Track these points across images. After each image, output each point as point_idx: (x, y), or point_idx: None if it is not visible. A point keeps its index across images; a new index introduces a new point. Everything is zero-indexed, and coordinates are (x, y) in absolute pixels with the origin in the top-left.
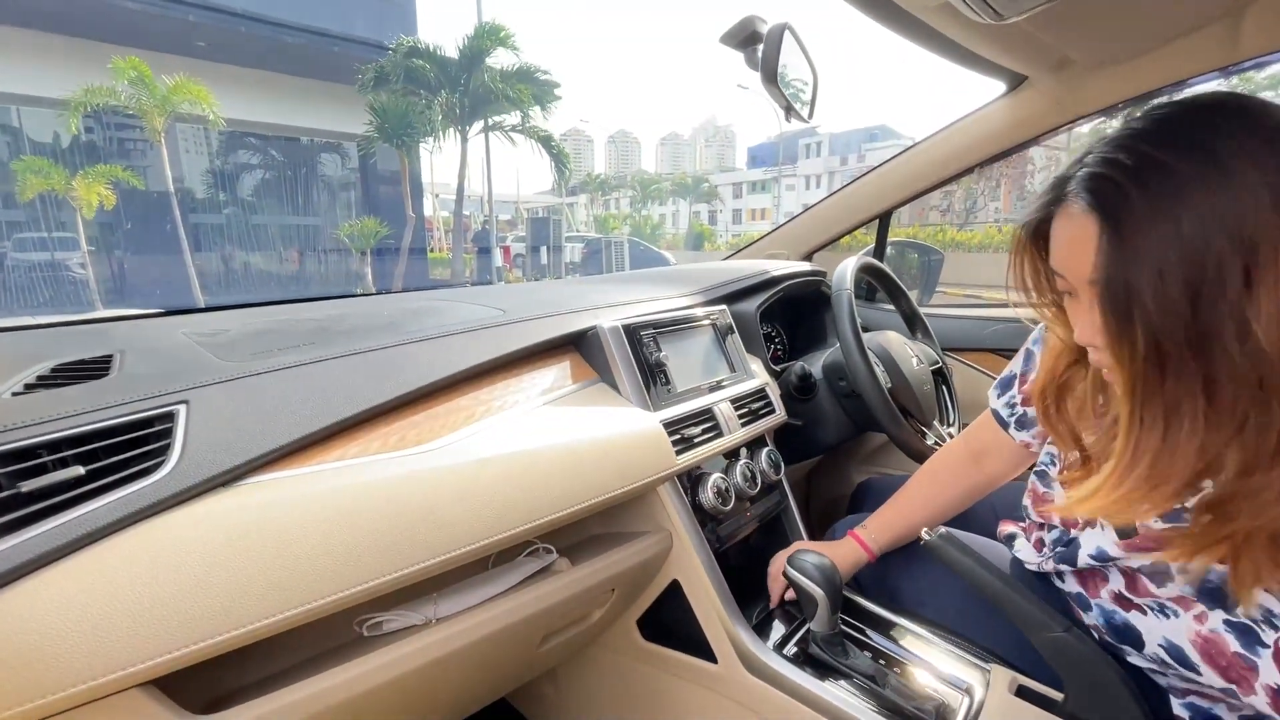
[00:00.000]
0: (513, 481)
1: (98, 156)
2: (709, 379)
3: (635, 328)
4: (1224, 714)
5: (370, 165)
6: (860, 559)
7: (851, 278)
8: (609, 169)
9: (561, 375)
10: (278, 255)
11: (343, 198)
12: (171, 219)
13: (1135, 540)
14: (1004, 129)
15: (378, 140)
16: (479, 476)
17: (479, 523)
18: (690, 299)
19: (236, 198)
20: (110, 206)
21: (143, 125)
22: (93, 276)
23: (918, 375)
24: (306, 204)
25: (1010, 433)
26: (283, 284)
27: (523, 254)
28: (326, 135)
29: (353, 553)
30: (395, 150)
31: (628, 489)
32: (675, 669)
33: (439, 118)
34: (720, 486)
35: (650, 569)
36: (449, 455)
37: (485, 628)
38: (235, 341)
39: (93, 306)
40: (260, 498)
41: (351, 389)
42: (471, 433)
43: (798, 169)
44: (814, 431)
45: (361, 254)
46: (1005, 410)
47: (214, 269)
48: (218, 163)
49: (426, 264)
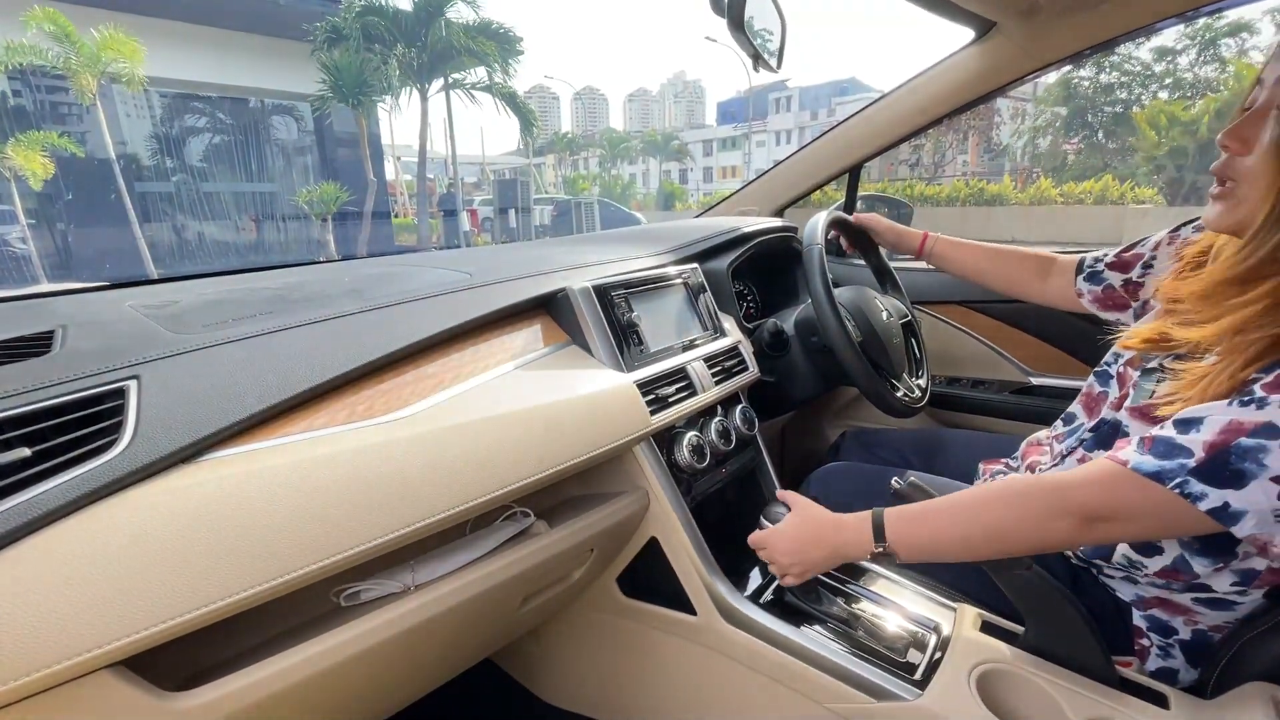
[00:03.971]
0: (485, 446)
1: (28, 122)
2: (682, 338)
3: (606, 288)
4: (1181, 627)
5: (326, 127)
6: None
7: (823, 233)
8: (576, 127)
9: (532, 339)
10: (233, 224)
11: (299, 162)
12: (116, 188)
13: None
14: (973, 77)
15: (332, 100)
16: (450, 443)
17: (452, 489)
18: (661, 258)
19: (185, 164)
20: (48, 176)
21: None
22: (34, 251)
23: (887, 328)
24: (261, 169)
25: (1078, 280)
26: (240, 254)
27: (490, 217)
28: (277, 95)
29: (323, 525)
30: (351, 111)
31: (602, 450)
32: (655, 623)
33: (396, 75)
34: (695, 444)
35: (628, 528)
36: (419, 423)
37: (464, 592)
38: (186, 313)
39: (36, 283)
40: (223, 473)
41: (314, 358)
42: (442, 399)
43: (768, 124)
44: (787, 387)
45: (322, 221)
46: (1090, 261)
47: (166, 240)
48: (162, 127)
49: (391, 229)
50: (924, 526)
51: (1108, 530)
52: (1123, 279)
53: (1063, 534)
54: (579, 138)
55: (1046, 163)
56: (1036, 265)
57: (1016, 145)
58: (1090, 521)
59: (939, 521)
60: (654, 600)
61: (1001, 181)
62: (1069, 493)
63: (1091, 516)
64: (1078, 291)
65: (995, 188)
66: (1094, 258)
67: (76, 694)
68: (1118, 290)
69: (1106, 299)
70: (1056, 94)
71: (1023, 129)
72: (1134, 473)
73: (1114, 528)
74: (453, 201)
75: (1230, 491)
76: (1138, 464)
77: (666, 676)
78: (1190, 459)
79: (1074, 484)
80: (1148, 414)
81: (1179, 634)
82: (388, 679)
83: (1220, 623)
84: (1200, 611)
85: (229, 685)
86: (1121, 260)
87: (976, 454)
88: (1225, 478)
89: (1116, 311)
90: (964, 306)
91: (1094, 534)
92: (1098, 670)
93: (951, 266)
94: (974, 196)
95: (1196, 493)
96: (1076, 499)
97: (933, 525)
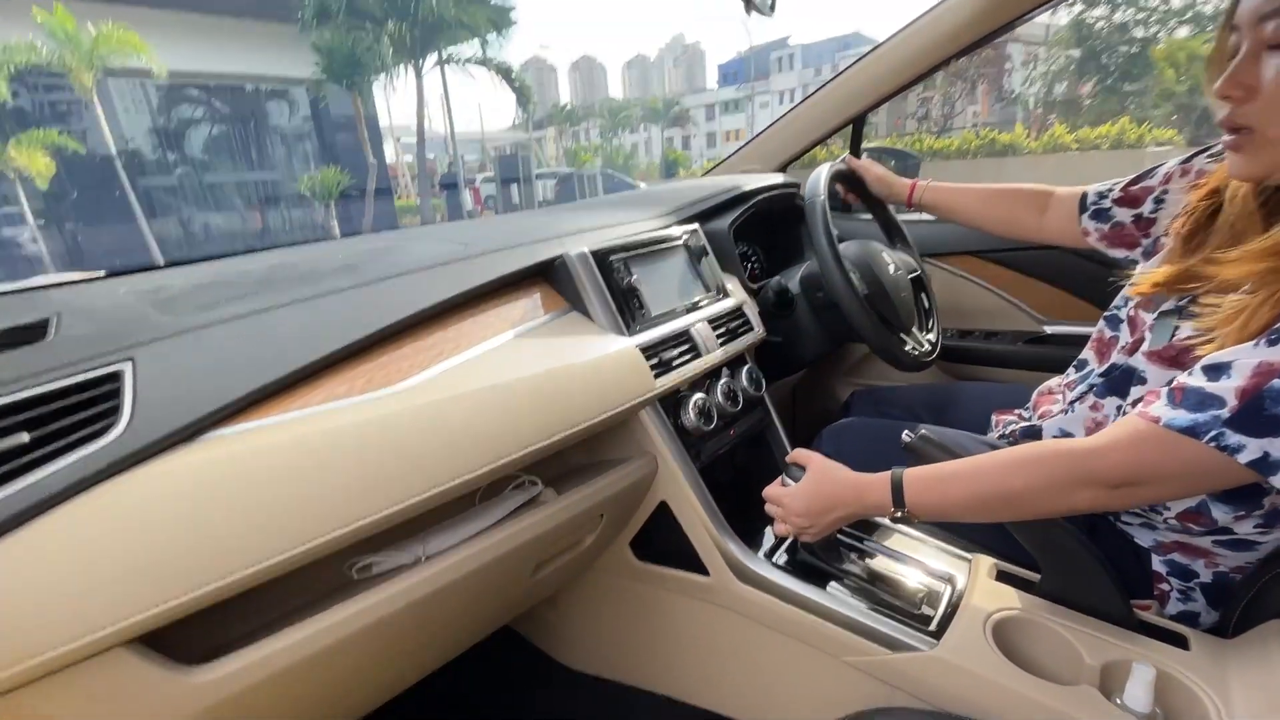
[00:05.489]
0: (488, 415)
1: (28, 121)
2: (685, 301)
3: (604, 253)
4: (1201, 570)
5: (323, 111)
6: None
7: (825, 186)
8: (575, 98)
9: (532, 307)
10: (238, 214)
11: (299, 148)
12: (119, 184)
13: None
14: (979, 15)
15: (326, 82)
16: (453, 412)
17: (457, 459)
18: (660, 220)
19: (187, 156)
20: (51, 174)
21: (71, 85)
22: (45, 252)
23: (895, 282)
24: (262, 157)
25: (1082, 217)
26: (246, 243)
27: (494, 194)
28: (273, 81)
29: (328, 497)
30: (347, 93)
31: (607, 415)
32: (670, 585)
33: (389, 52)
34: (701, 406)
35: (638, 492)
36: (420, 394)
37: (475, 561)
38: (178, 297)
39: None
40: (225, 451)
41: (308, 335)
42: (442, 370)
43: (770, 85)
44: (794, 347)
45: (325, 206)
46: (1094, 197)
47: (173, 233)
48: (160, 120)
49: (394, 211)
50: (943, 491)
51: (1137, 494)
52: (1133, 214)
53: (1088, 502)
54: (578, 109)
55: (1060, 109)
56: (1032, 201)
57: (1029, 92)
58: (1118, 487)
59: (958, 487)
60: (667, 563)
61: (1014, 131)
62: (1095, 461)
63: (1120, 482)
64: (1083, 230)
65: (1007, 137)
66: (1097, 192)
67: (95, 671)
68: (1128, 227)
69: (1115, 236)
70: (1068, 36)
71: (1034, 75)
72: (1166, 430)
73: (1145, 491)
74: (454, 180)
75: (1270, 440)
76: (1170, 419)
77: (683, 637)
78: (1223, 409)
79: (1100, 450)
80: (1168, 356)
81: (1199, 577)
82: (404, 648)
83: (1242, 564)
84: (1221, 554)
85: (246, 658)
86: (1129, 194)
87: (989, 405)
88: (1262, 425)
89: (1125, 249)
90: (975, 257)
91: (1122, 499)
92: (1116, 614)
93: (945, 213)
94: (985, 147)
95: (1234, 444)
96: (1104, 466)
97: (952, 490)
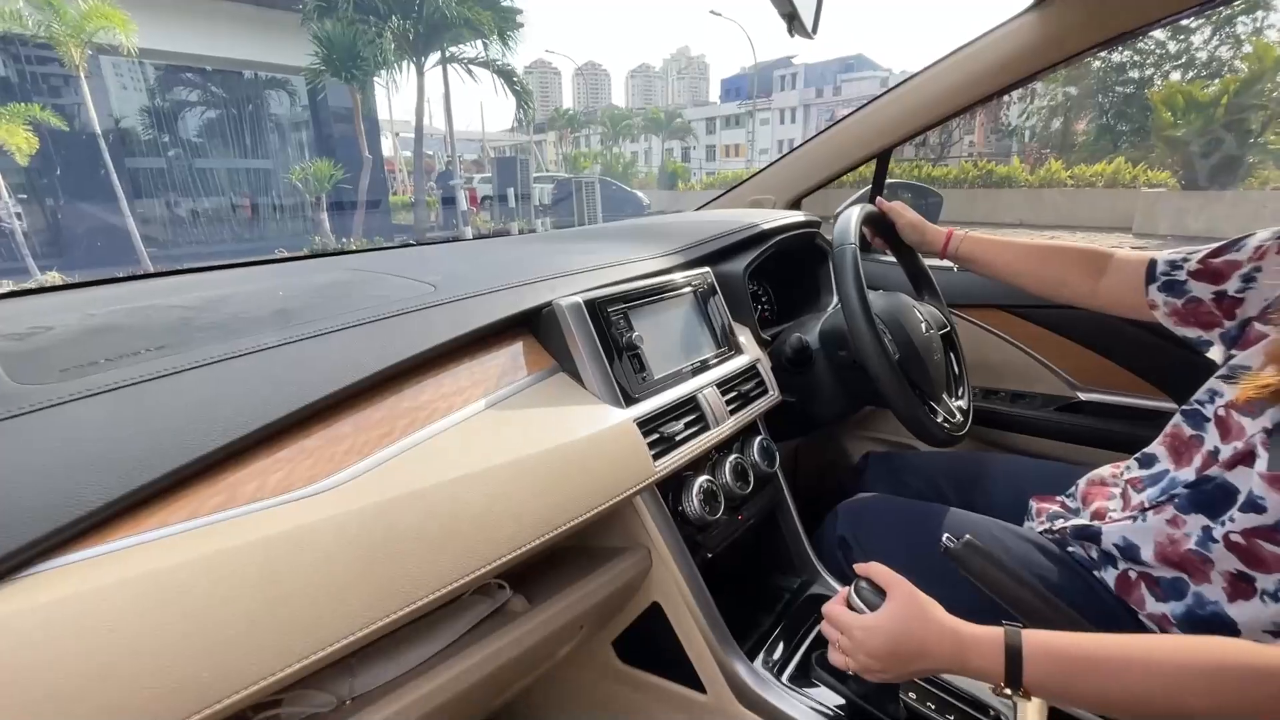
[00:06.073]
0: (446, 520)
1: (13, 94)
2: (692, 359)
3: (601, 303)
4: None
5: (321, 102)
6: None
7: (855, 231)
8: (578, 104)
9: (511, 365)
10: (228, 201)
11: (295, 139)
12: (103, 164)
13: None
14: (1029, 50)
15: (325, 73)
16: (399, 518)
17: (398, 583)
18: (666, 260)
19: (179, 139)
20: (32, 151)
21: (60, 60)
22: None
23: (927, 343)
24: (256, 146)
25: (1150, 288)
26: (234, 232)
27: (490, 196)
28: (270, 69)
29: (204, 658)
30: (346, 85)
31: (595, 511)
32: (658, 695)
33: (391, 47)
34: (707, 490)
35: (626, 593)
36: (357, 493)
37: (422, 705)
38: (52, 347)
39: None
40: (56, 594)
41: (207, 414)
42: (391, 455)
43: (772, 102)
44: (809, 407)
45: (316, 200)
46: (1164, 265)
47: (159, 216)
48: (153, 100)
49: (388, 210)
50: (1079, 680)
51: None
52: (1213, 291)
53: None
54: (580, 114)
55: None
56: (1087, 263)
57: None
58: None
59: (1100, 681)
60: (656, 670)
61: (1010, 163)
62: None
63: None
64: (1150, 302)
65: (1004, 169)
66: (1169, 261)
67: None
68: (1206, 305)
69: (1189, 314)
70: (1065, 73)
71: (1032, 109)
72: None
73: None
74: (451, 179)
75: None
76: None
77: None
78: None
79: None
80: None
81: None
82: None
83: None
84: None
85: None
86: (1210, 268)
87: (1022, 485)
88: None
89: (1199, 329)
90: (1003, 310)
91: None
92: None
93: (983, 268)
94: (982, 178)
95: None
96: None
97: (1092, 683)
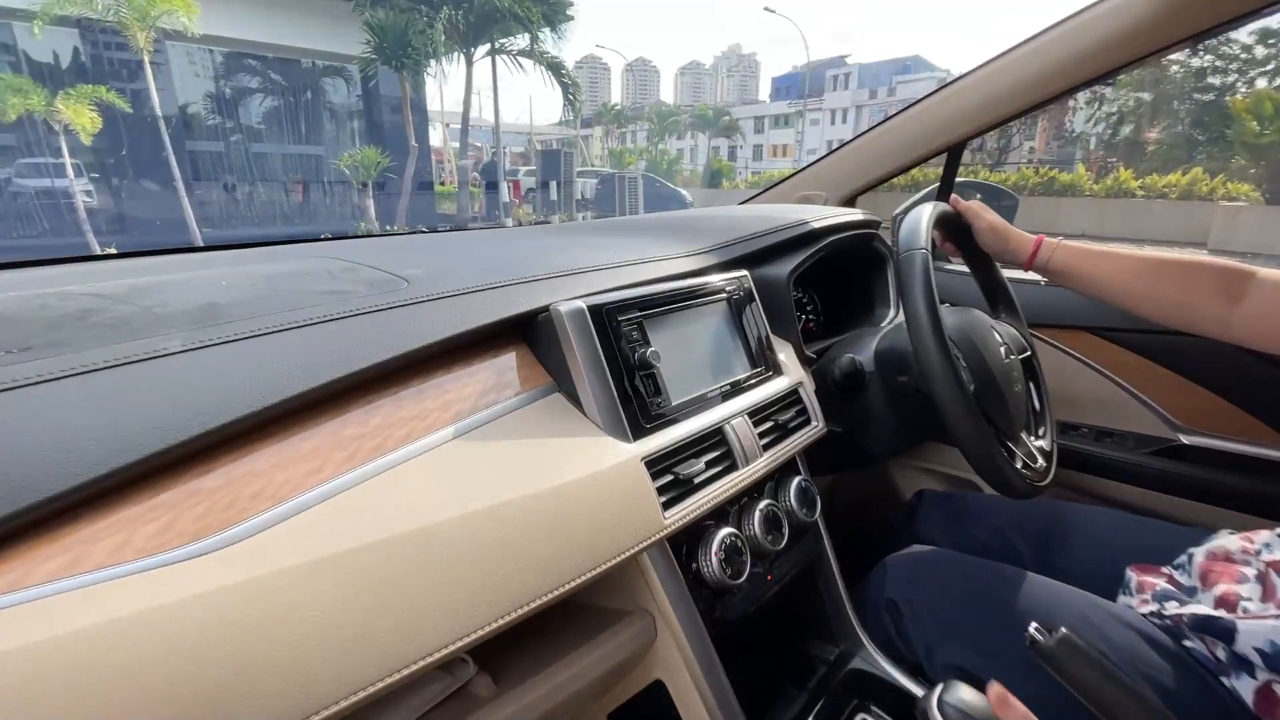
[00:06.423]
0: (388, 590)
1: (84, 76)
2: (720, 381)
3: (610, 309)
4: None
5: (373, 90)
6: None
7: (927, 235)
8: (626, 99)
9: (496, 383)
10: (281, 185)
11: (347, 127)
12: (163, 146)
13: None
14: (1144, 27)
15: (376, 62)
16: (325, 587)
17: (322, 674)
18: (695, 260)
19: (240, 124)
20: (96, 130)
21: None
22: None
23: (1006, 371)
24: (310, 132)
25: None
26: (285, 215)
27: (534, 188)
28: (327, 57)
29: None
30: (397, 75)
31: (589, 576)
32: None
33: (441, 37)
34: (730, 548)
35: (623, 670)
36: (270, 551)
37: None
38: None
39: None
40: None
41: (55, 440)
42: (312, 502)
43: (824, 102)
44: (860, 440)
45: (363, 186)
46: None
47: (216, 199)
48: (216, 85)
49: (433, 198)
50: None
51: None
52: None
53: None
54: (627, 110)
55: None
56: (1219, 282)
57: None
58: None
59: None
60: None
61: (1075, 170)
62: None
63: None
64: None
65: (1068, 177)
66: None
67: None
68: None
69: None
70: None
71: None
72: None
73: None
74: (495, 171)
75: None
76: None
77: None
78: None
79: None
80: None
81: None
82: None
83: None
84: None
85: None
86: None
87: (1112, 545)
88: None
89: None
90: (1091, 333)
91: None
92: None
93: (1080, 284)
94: (1044, 186)
95: None
96: None
97: None
